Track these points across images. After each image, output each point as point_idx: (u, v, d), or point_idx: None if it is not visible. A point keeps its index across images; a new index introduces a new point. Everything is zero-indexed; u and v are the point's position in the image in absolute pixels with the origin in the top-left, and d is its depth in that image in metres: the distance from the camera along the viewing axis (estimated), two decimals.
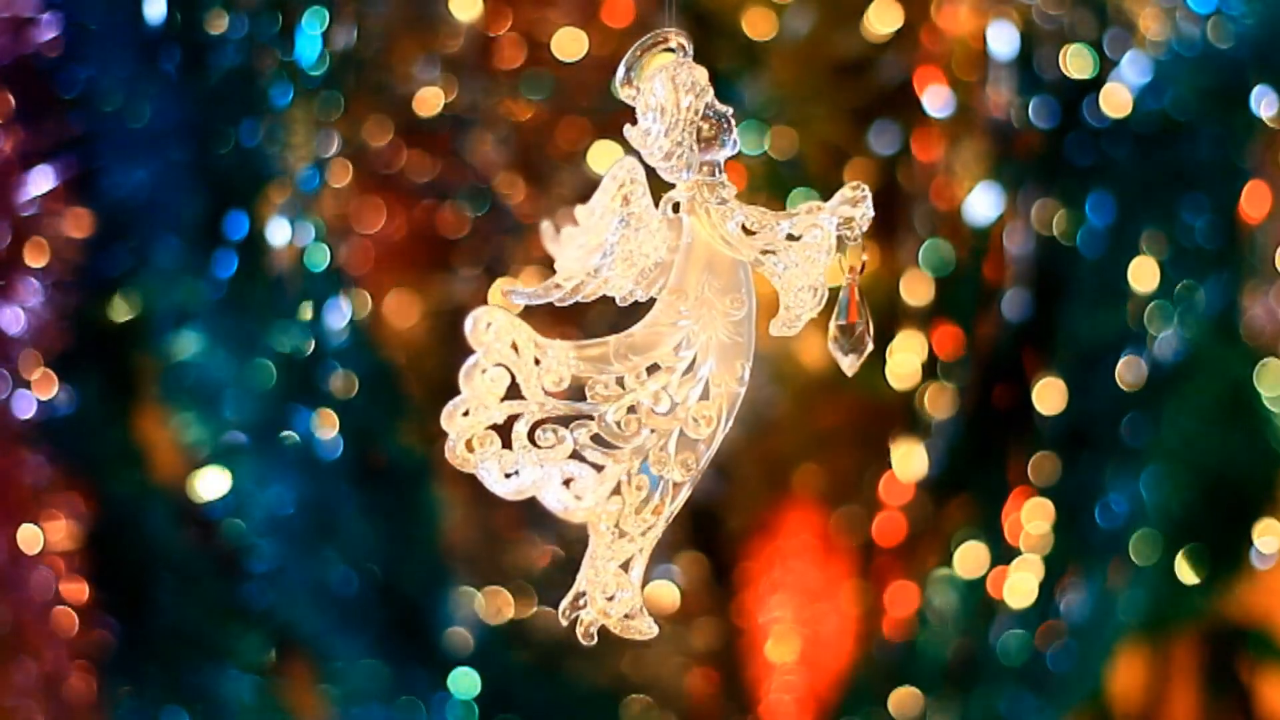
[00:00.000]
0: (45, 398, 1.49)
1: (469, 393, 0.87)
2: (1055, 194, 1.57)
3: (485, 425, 0.87)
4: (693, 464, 0.90)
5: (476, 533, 1.62)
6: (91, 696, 1.57)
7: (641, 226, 0.90)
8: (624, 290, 0.91)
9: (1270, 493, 1.71)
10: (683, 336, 0.90)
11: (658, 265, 0.90)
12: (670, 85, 0.89)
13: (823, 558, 1.68)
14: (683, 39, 0.90)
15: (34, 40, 1.44)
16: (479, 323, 0.86)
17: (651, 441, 0.90)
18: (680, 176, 0.90)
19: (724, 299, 0.90)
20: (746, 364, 0.90)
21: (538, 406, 0.88)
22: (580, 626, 0.91)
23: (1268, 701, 1.82)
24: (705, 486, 1.67)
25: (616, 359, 0.89)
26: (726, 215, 0.90)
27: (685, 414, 0.90)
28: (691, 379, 0.90)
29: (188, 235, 1.47)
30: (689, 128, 0.89)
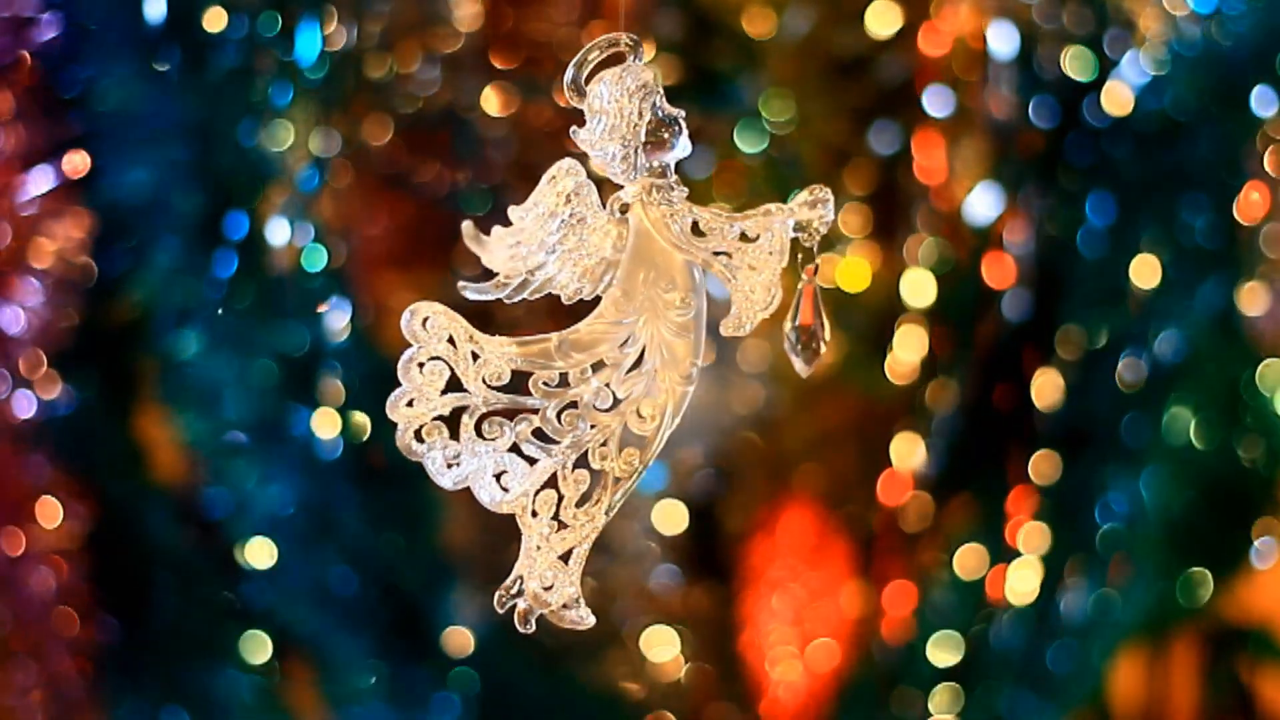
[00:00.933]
0: (45, 398, 1.49)
1: (408, 384, 0.90)
2: (1055, 194, 1.57)
3: (431, 416, 0.91)
4: (635, 460, 0.93)
5: (476, 533, 1.62)
6: (91, 696, 1.57)
7: (585, 226, 0.91)
8: (570, 288, 0.93)
9: (1270, 492, 1.71)
10: (627, 334, 0.92)
11: (604, 264, 0.92)
12: (619, 88, 0.90)
13: (822, 557, 1.68)
14: (632, 42, 0.91)
15: (34, 40, 1.44)
16: (415, 316, 0.90)
17: (592, 437, 0.92)
18: (628, 178, 0.92)
19: (669, 298, 0.92)
20: (696, 362, 0.92)
21: (481, 400, 0.91)
22: (516, 614, 0.93)
23: (1268, 701, 1.82)
24: (705, 486, 1.69)
25: (559, 355, 0.92)
26: (676, 216, 0.91)
27: (628, 410, 0.92)
28: (636, 376, 0.92)
29: (188, 235, 1.47)
30: (637, 130, 0.90)
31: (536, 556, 0.93)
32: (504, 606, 0.94)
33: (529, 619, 0.93)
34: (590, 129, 0.91)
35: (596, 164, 0.92)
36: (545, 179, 0.91)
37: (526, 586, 0.93)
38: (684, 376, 0.92)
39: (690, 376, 0.92)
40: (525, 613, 0.93)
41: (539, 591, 0.93)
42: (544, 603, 0.93)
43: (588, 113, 0.91)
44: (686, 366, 0.92)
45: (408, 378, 0.91)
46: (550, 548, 0.93)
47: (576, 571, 0.93)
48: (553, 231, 0.91)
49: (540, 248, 0.92)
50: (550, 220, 0.91)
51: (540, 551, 0.93)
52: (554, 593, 0.93)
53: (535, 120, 1.56)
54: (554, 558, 0.93)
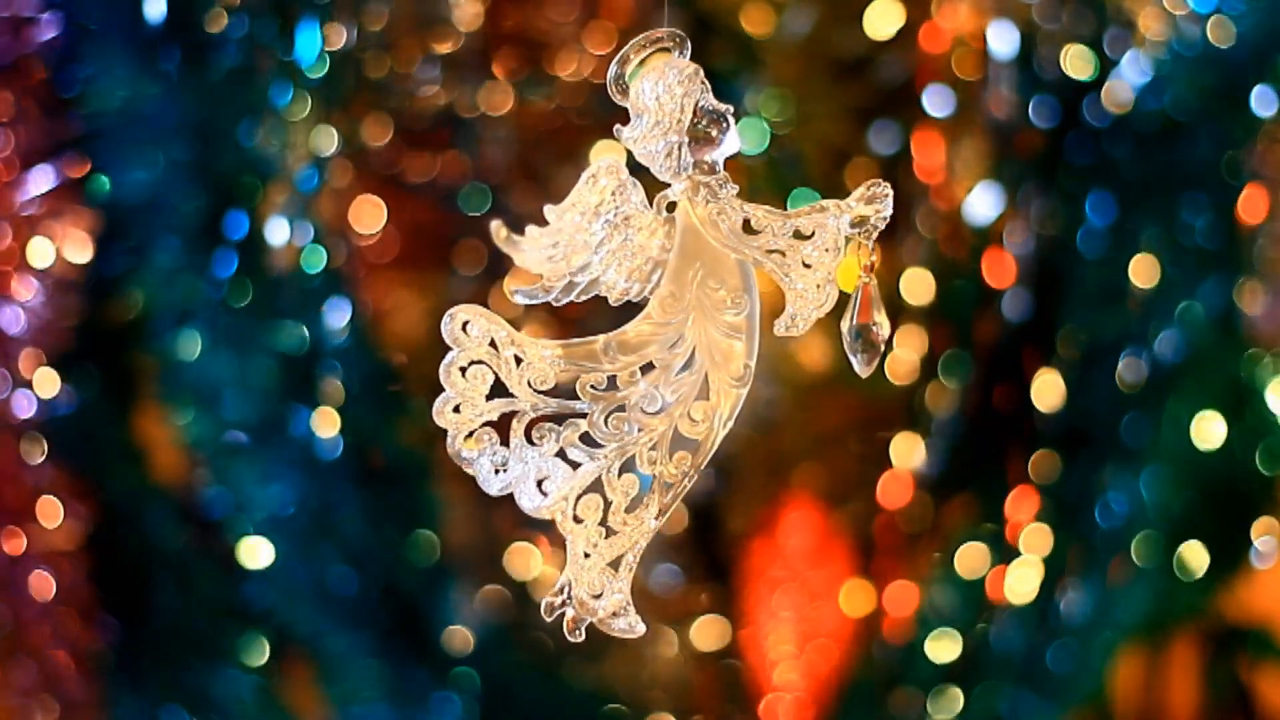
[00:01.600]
0: (45, 397, 1.49)
1: (452, 390, 0.88)
2: (1055, 194, 1.57)
3: (480, 422, 0.89)
4: (687, 464, 0.90)
5: (476, 533, 1.62)
6: (91, 696, 1.57)
7: (630, 225, 0.90)
8: (618, 289, 0.91)
9: (1270, 492, 1.71)
10: (676, 335, 0.90)
11: (652, 264, 0.90)
12: (662, 84, 0.88)
13: (823, 557, 1.68)
14: (677, 37, 0.89)
15: (34, 40, 1.44)
16: (455, 320, 0.88)
17: (639, 441, 0.90)
18: (675, 176, 0.90)
19: (719, 297, 0.90)
20: (749, 363, 0.90)
21: (529, 405, 0.89)
22: (565, 622, 0.91)
23: (1268, 701, 1.82)
24: (705, 486, 1.69)
25: (605, 357, 0.90)
26: (726, 213, 0.89)
27: (678, 413, 0.90)
28: (686, 378, 0.90)
29: (188, 235, 1.47)
30: (681, 126, 0.88)
31: (584, 564, 0.90)
32: (552, 615, 0.91)
33: (578, 627, 0.91)
34: (634, 126, 0.89)
35: (642, 162, 0.90)
36: (584, 178, 0.90)
37: (574, 594, 0.91)
38: (737, 378, 0.90)
39: (743, 378, 0.90)
40: (574, 621, 0.91)
41: (587, 599, 0.90)
42: (592, 610, 0.91)
43: (631, 111, 0.89)
44: (739, 367, 0.90)
45: (450, 383, 0.88)
46: (600, 554, 0.90)
47: (626, 579, 0.91)
48: (595, 231, 0.89)
49: (583, 248, 0.90)
50: (590, 220, 0.90)
51: (589, 559, 0.90)
52: (603, 600, 0.91)
53: (535, 120, 1.56)
54: (604, 565, 0.90)
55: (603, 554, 0.90)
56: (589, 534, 0.90)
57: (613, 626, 0.91)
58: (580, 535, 0.90)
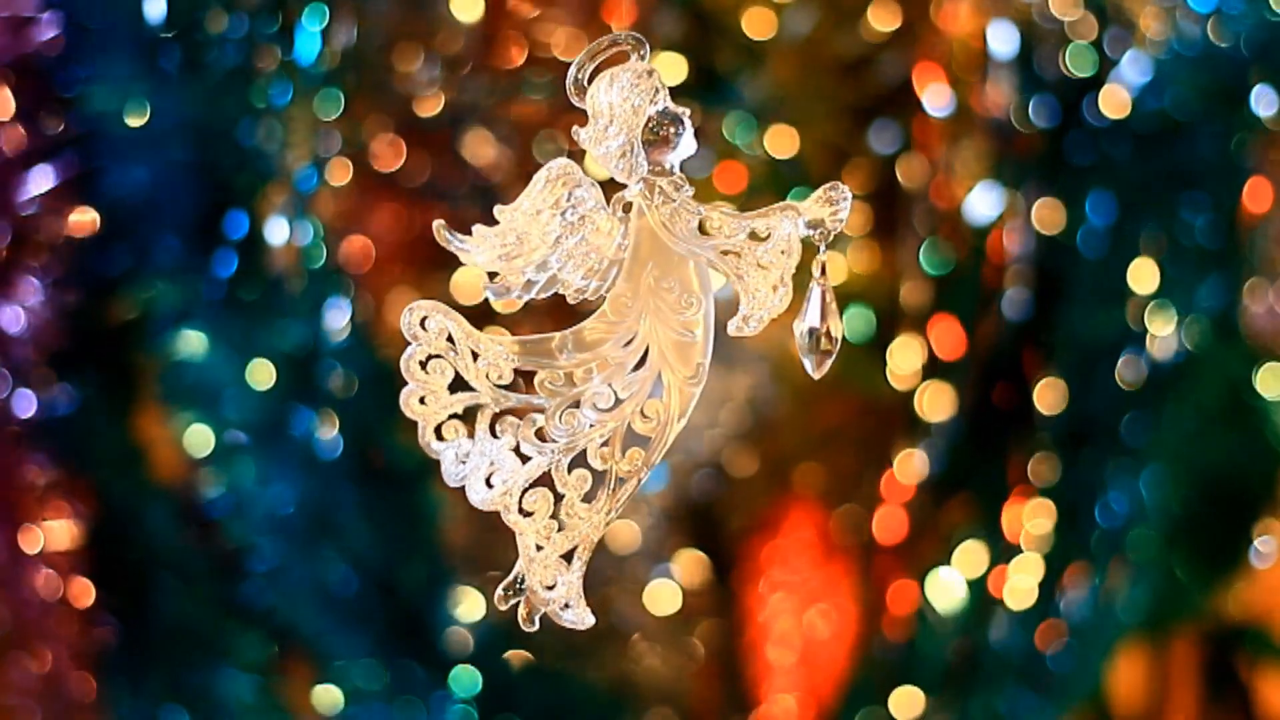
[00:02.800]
0: (45, 397, 1.49)
1: (414, 382, 0.91)
2: (1055, 193, 1.57)
3: (447, 414, 0.91)
4: (640, 460, 0.92)
5: (476, 532, 1.62)
6: (91, 696, 1.57)
7: (586, 225, 0.91)
8: (574, 288, 0.92)
9: (1270, 493, 1.71)
10: (629, 334, 0.92)
11: (608, 263, 0.92)
12: (616, 87, 0.90)
13: (823, 557, 1.68)
14: (634, 40, 0.90)
15: (34, 39, 1.44)
16: (413, 315, 0.91)
17: (589, 436, 0.92)
18: (629, 177, 0.91)
19: (672, 297, 0.91)
20: (703, 362, 0.92)
21: (491, 399, 0.91)
22: (520, 613, 0.93)
23: (1268, 701, 1.82)
24: (705, 486, 1.69)
25: (561, 354, 0.91)
26: (680, 214, 0.91)
27: (630, 410, 0.92)
28: (639, 376, 0.92)
29: (188, 235, 1.48)
30: (635, 128, 0.90)
31: (537, 556, 0.93)
32: (506, 604, 0.93)
33: (533, 617, 0.94)
34: (591, 128, 0.91)
35: (598, 163, 0.92)
36: (537, 178, 0.91)
37: (528, 585, 0.93)
38: (690, 376, 0.92)
39: (697, 376, 0.92)
40: (529, 611, 0.93)
41: (539, 590, 0.93)
42: (544, 601, 0.93)
43: (589, 112, 0.91)
44: (693, 366, 0.92)
45: (411, 376, 0.91)
46: (553, 547, 0.92)
47: (578, 571, 0.93)
48: (551, 230, 0.91)
49: (540, 247, 0.91)
50: (545, 219, 0.91)
51: (542, 551, 0.92)
52: (555, 592, 0.93)
53: (535, 120, 1.56)
54: (556, 557, 0.93)
55: (556, 547, 0.92)
56: (540, 527, 0.92)
57: (563, 618, 0.94)
58: (530, 528, 0.92)
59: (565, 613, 0.93)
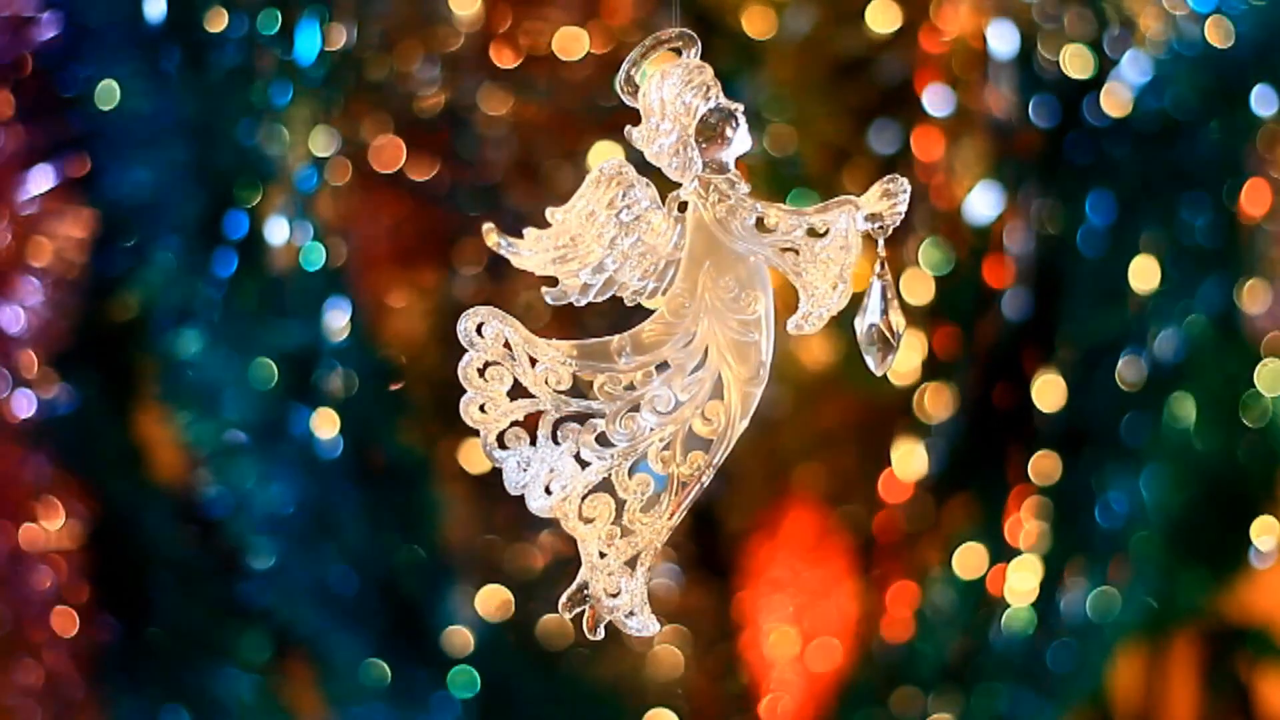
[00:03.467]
0: (45, 397, 1.49)
1: (473, 390, 0.89)
2: (1055, 193, 1.57)
3: (509, 421, 0.89)
4: (701, 462, 0.91)
5: (476, 533, 1.62)
6: (91, 696, 1.57)
7: (642, 225, 0.89)
8: (631, 289, 0.91)
9: (1270, 493, 1.71)
10: (688, 335, 0.90)
11: (665, 263, 0.90)
12: (669, 83, 0.88)
13: (823, 557, 1.68)
14: (686, 36, 0.89)
15: (34, 39, 1.44)
16: (470, 322, 0.89)
17: (650, 440, 0.90)
18: (684, 175, 0.89)
19: (730, 296, 0.90)
20: (764, 362, 0.90)
21: (552, 404, 0.89)
22: (585, 620, 0.92)
23: (1268, 701, 1.82)
24: (705, 486, 1.69)
25: (619, 358, 0.90)
26: (737, 212, 0.89)
27: (691, 412, 0.90)
28: (699, 378, 0.90)
29: (188, 234, 1.47)
30: (689, 125, 0.88)
31: (600, 563, 0.91)
32: (570, 613, 0.92)
33: (598, 626, 0.92)
34: (644, 126, 0.89)
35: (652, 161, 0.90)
36: (590, 179, 0.89)
37: (591, 592, 0.91)
38: (751, 377, 0.90)
39: (758, 376, 0.90)
40: (594, 619, 0.92)
41: (604, 598, 0.91)
42: (609, 609, 0.91)
43: (641, 111, 0.89)
44: (753, 366, 0.90)
45: (469, 383, 0.89)
46: (615, 554, 0.91)
47: (642, 578, 0.91)
48: (607, 232, 0.89)
49: (595, 249, 0.90)
50: (600, 221, 0.89)
51: (605, 558, 0.91)
52: (619, 599, 0.91)
53: (535, 120, 1.56)
54: (619, 564, 0.91)
55: (619, 553, 0.91)
56: (602, 533, 0.91)
57: (628, 625, 0.92)
58: (591, 535, 0.91)
59: (630, 620, 0.92)
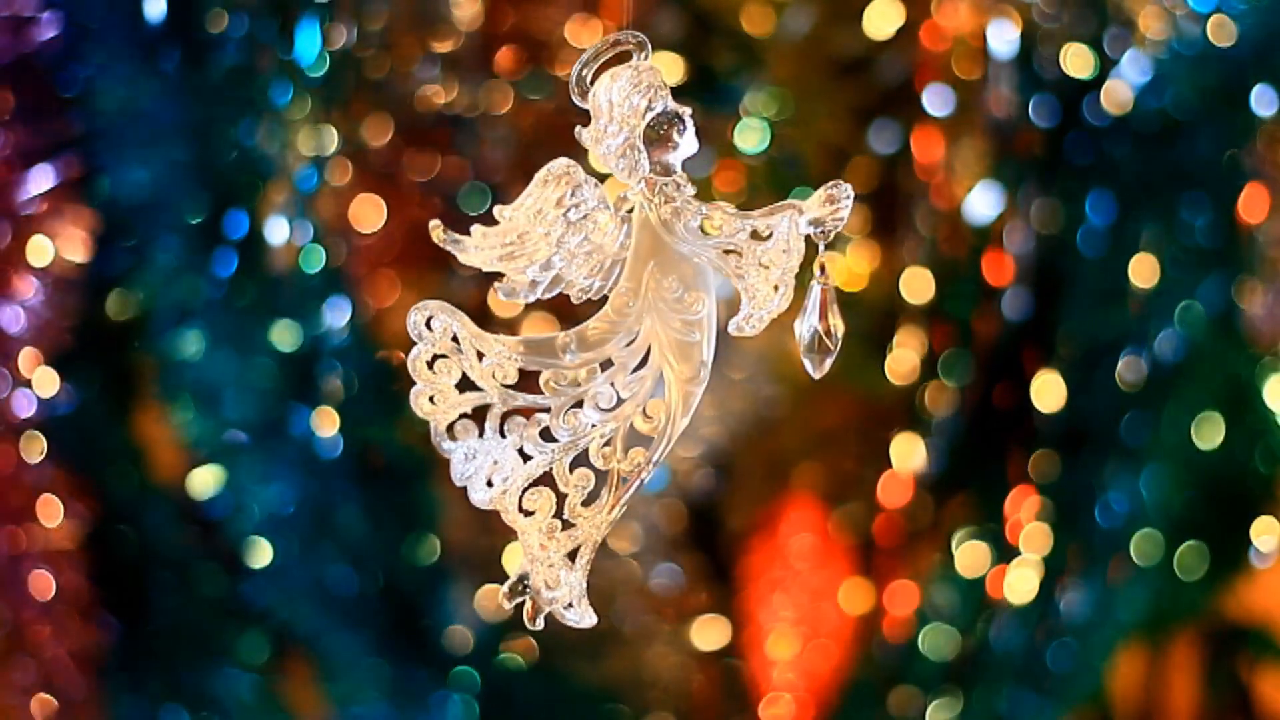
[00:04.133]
0: (45, 396, 1.49)
1: (422, 382, 0.91)
2: (1055, 193, 1.57)
3: (457, 413, 0.91)
4: (641, 459, 0.92)
5: (476, 532, 1.62)
6: (91, 696, 1.57)
7: (589, 224, 0.91)
8: (578, 287, 0.92)
9: (1270, 493, 1.71)
10: (631, 333, 0.92)
11: (612, 262, 0.92)
12: (618, 85, 0.90)
13: (823, 556, 1.68)
14: (636, 39, 0.90)
15: (34, 39, 1.44)
16: (419, 315, 0.91)
17: (593, 436, 0.92)
18: (631, 177, 0.91)
19: (674, 296, 0.91)
20: (705, 361, 0.92)
21: (499, 398, 0.91)
22: (525, 612, 0.94)
23: (1268, 701, 1.82)
24: (705, 485, 1.69)
25: (564, 353, 0.91)
26: (682, 214, 0.91)
27: (633, 409, 0.92)
28: (641, 375, 0.92)
29: (188, 234, 1.47)
30: (638, 128, 0.90)
31: (540, 556, 0.93)
32: (510, 604, 0.94)
33: (537, 617, 0.94)
34: (592, 127, 0.91)
35: (600, 162, 0.92)
36: (537, 178, 0.91)
37: (532, 584, 0.93)
38: (692, 376, 0.92)
39: (699, 376, 0.92)
40: (533, 610, 0.93)
41: (543, 590, 0.93)
42: (548, 601, 0.93)
43: (591, 111, 0.91)
44: (694, 366, 0.92)
45: (418, 375, 0.91)
46: (556, 546, 0.93)
47: (581, 571, 0.93)
48: (554, 230, 0.91)
49: (543, 247, 0.91)
50: (548, 219, 0.91)
51: (544, 551, 0.93)
52: (558, 592, 0.93)
53: (535, 119, 1.56)
54: (560, 557, 0.93)
55: (559, 546, 0.93)
56: (543, 526, 0.92)
57: (566, 617, 0.94)
58: (531, 528, 0.93)
59: (568, 612, 0.93)
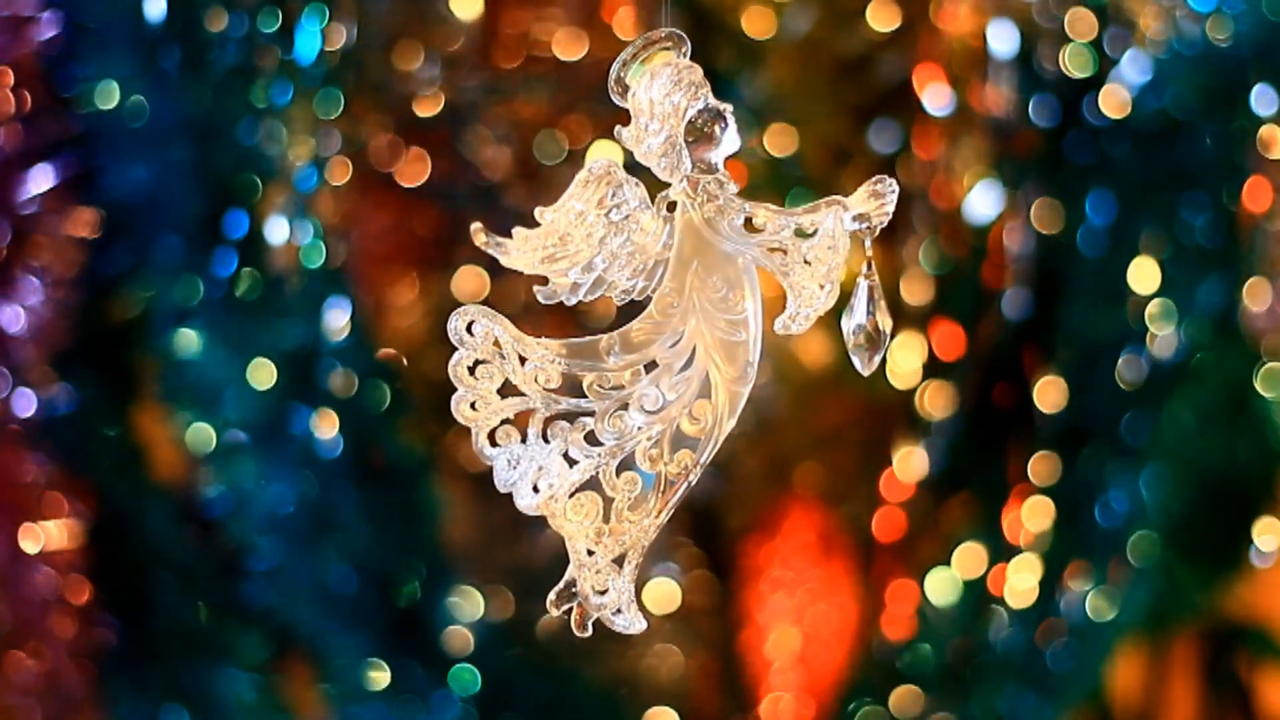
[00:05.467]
0: (45, 396, 1.49)
1: (464, 387, 0.90)
2: (1055, 193, 1.57)
3: (499, 419, 0.90)
4: (688, 461, 0.91)
5: (476, 532, 1.62)
6: (91, 696, 1.57)
7: (631, 224, 0.90)
8: (620, 288, 0.91)
9: (1270, 492, 1.71)
10: (676, 334, 0.91)
11: (654, 263, 0.91)
12: (658, 84, 0.89)
13: (823, 556, 1.68)
14: (676, 37, 0.89)
15: (34, 39, 1.44)
16: (460, 321, 0.89)
17: (639, 439, 0.91)
18: (673, 175, 0.90)
19: (718, 296, 0.90)
20: (751, 361, 0.91)
21: (542, 403, 0.90)
22: (573, 618, 0.92)
23: (1268, 701, 1.82)
24: (705, 485, 1.68)
25: (608, 357, 0.90)
26: (725, 212, 0.90)
27: (679, 411, 0.91)
28: (687, 376, 0.91)
29: (188, 234, 1.48)
30: (678, 125, 0.89)
31: (588, 561, 0.91)
32: (558, 610, 0.92)
33: (586, 623, 0.92)
34: (633, 127, 0.90)
35: (642, 161, 0.91)
36: (580, 178, 0.90)
37: (580, 590, 0.92)
38: (738, 377, 0.91)
39: (744, 376, 0.91)
40: (581, 617, 0.92)
41: (591, 596, 0.92)
42: (596, 607, 0.92)
43: (630, 111, 0.90)
44: (740, 366, 0.91)
45: (460, 381, 0.90)
46: (603, 552, 0.91)
47: (629, 576, 0.92)
48: (596, 231, 0.90)
49: (585, 248, 0.90)
50: (589, 220, 0.90)
51: (593, 556, 0.91)
52: (606, 597, 0.92)
53: (535, 119, 1.56)
54: (607, 562, 0.91)
55: (606, 551, 0.91)
56: (590, 532, 0.91)
57: (615, 623, 0.92)
58: (579, 533, 0.91)
59: (617, 618, 0.92)
